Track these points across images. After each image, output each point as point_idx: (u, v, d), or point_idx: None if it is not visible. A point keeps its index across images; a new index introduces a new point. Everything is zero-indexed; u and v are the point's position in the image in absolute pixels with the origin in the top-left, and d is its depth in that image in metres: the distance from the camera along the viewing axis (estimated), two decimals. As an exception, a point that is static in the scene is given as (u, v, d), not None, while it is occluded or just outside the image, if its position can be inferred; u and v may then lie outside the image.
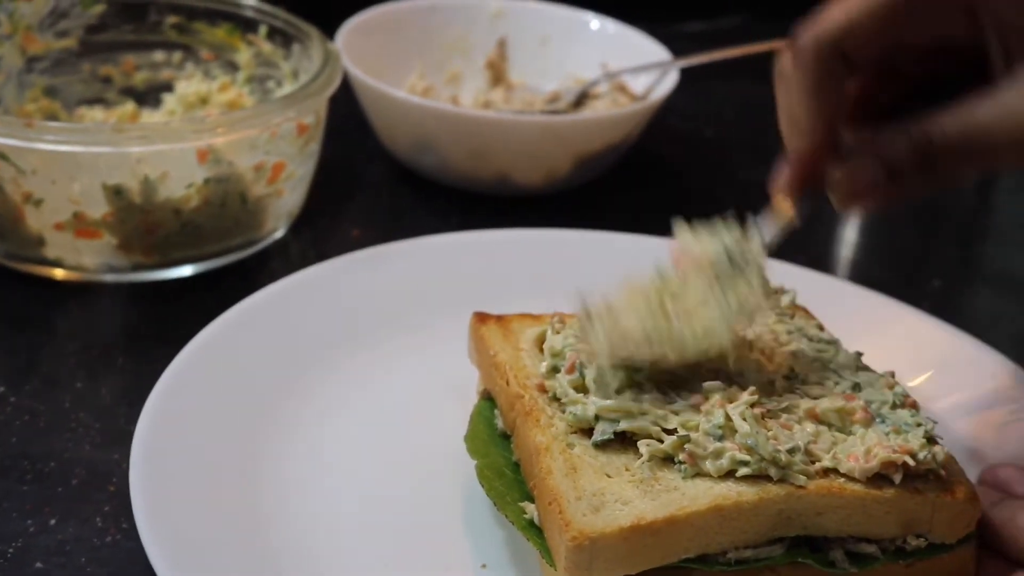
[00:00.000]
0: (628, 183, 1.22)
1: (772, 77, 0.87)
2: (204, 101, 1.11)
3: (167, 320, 0.95)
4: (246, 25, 1.14)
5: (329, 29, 1.15)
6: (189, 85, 1.12)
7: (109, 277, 0.97)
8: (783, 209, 0.76)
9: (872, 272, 1.15)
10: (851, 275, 1.12)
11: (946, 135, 0.67)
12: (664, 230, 1.06)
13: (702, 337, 0.71)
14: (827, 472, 0.69)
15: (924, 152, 0.68)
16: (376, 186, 1.19)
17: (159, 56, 1.16)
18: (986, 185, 1.39)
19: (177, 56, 1.16)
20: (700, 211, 1.21)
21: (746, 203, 1.23)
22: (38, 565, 0.71)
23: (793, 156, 0.74)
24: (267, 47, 1.13)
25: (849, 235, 1.23)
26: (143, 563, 0.68)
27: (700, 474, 0.68)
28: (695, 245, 0.76)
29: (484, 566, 0.72)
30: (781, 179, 0.76)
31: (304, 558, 0.71)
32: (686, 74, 1.22)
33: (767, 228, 0.77)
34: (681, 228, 0.78)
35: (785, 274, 0.90)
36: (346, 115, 1.19)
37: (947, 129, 0.67)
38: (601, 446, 0.69)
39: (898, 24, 0.70)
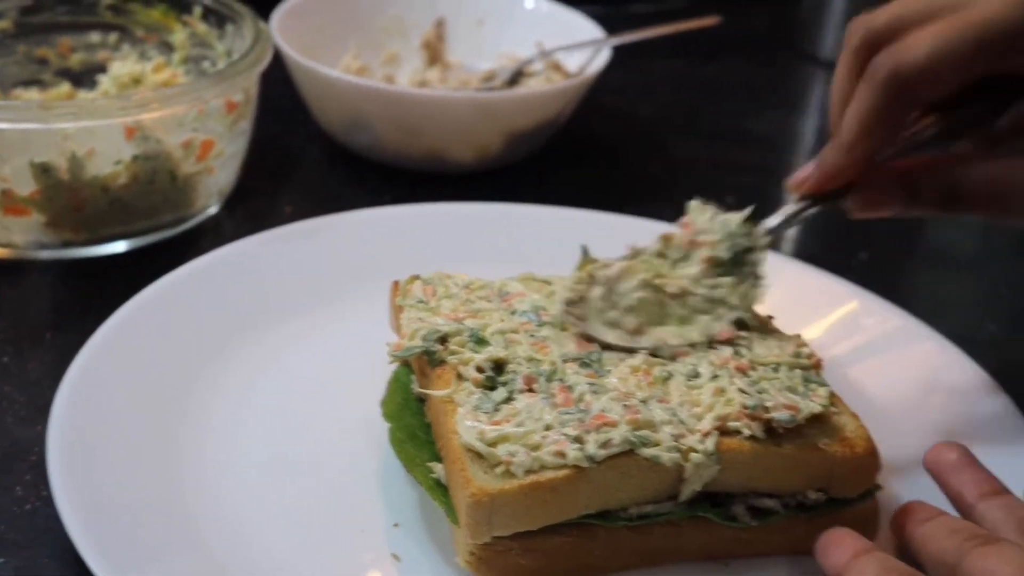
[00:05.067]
0: (563, 160, 1.24)
1: (707, 55, 0.88)
2: (138, 81, 1.12)
3: (98, 296, 0.95)
4: (180, 6, 1.14)
5: (269, 12, 1.16)
6: (123, 66, 1.13)
7: (40, 254, 0.97)
8: (793, 205, 0.79)
9: (801, 244, 1.17)
10: (781, 247, 1.14)
11: (974, 183, 0.71)
12: (598, 205, 1.09)
13: (679, 326, 0.76)
14: (725, 432, 0.70)
15: (950, 197, 0.72)
16: (312, 165, 1.20)
17: (95, 37, 1.17)
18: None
19: (113, 37, 1.17)
20: (632, 188, 1.24)
21: (677, 180, 1.26)
22: (-43, 532, 0.73)
23: (826, 164, 0.75)
24: (202, 28, 1.14)
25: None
26: (61, 530, 0.70)
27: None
28: (702, 223, 0.80)
29: (396, 525, 0.73)
30: (804, 178, 0.77)
31: (220, 520, 0.72)
32: (625, 54, 1.23)
33: (772, 220, 0.80)
34: (695, 207, 0.81)
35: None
36: (283, 96, 1.20)
37: (974, 178, 0.71)
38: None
39: (987, 65, 0.69)
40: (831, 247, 1.17)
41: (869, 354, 0.92)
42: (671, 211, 1.12)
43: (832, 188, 0.76)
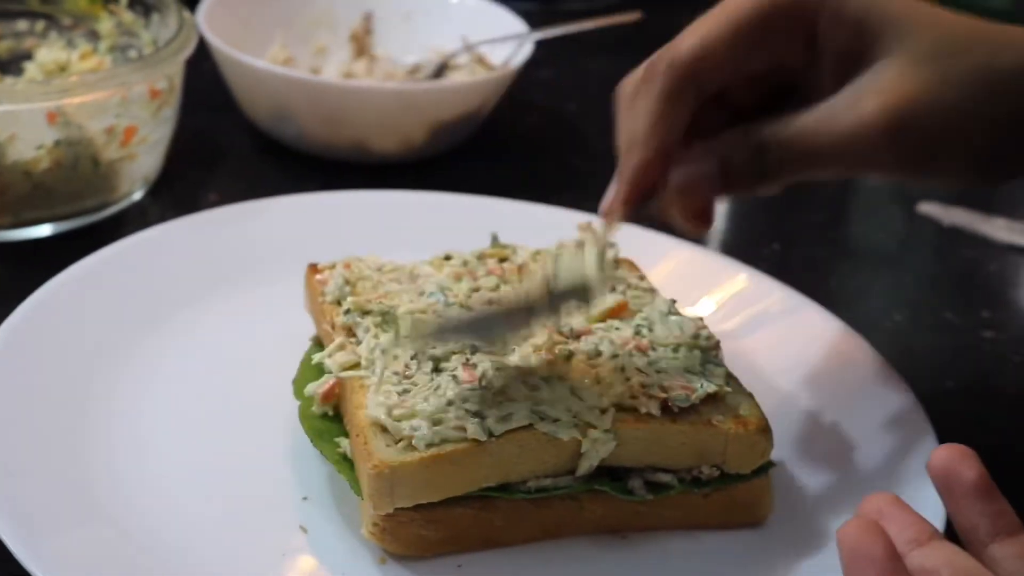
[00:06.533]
0: (488, 153, 1.26)
1: (637, 53, 0.89)
2: (64, 69, 1.13)
3: (22, 279, 0.96)
4: (107, -5, 1.16)
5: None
6: (49, 53, 1.14)
7: (-37, 238, 0.99)
8: (611, 229, 0.77)
9: (713, 234, 1.20)
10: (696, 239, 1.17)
11: (778, 138, 0.70)
12: (519, 196, 1.11)
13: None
14: (623, 409, 0.73)
15: (758, 152, 0.71)
16: (239, 155, 1.22)
17: (22, 25, 1.17)
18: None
19: (40, 25, 1.17)
20: (554, 179, 1.27)
21: (597, 172, 1.28)
22: None
23: (629, 170, 0.74)
24: (128, 17, 1.15)
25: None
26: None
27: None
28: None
29: (305, 499, 0.75)
30: (613, 196, 0.76)
31: (132, 495, 0.74)
32: (556, 52, 1.25)
33: (593, 250, 0.78)
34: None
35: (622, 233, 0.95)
36: (212, 88, 1.22)
37: (779, 133, 0.70)
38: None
39: (747, 50, 0.71)
40: (744, 237, 1.20)
41: (771, 337, 0.95)
42: (590, 202, 1.16)
43: (645, 193, 0.75)
